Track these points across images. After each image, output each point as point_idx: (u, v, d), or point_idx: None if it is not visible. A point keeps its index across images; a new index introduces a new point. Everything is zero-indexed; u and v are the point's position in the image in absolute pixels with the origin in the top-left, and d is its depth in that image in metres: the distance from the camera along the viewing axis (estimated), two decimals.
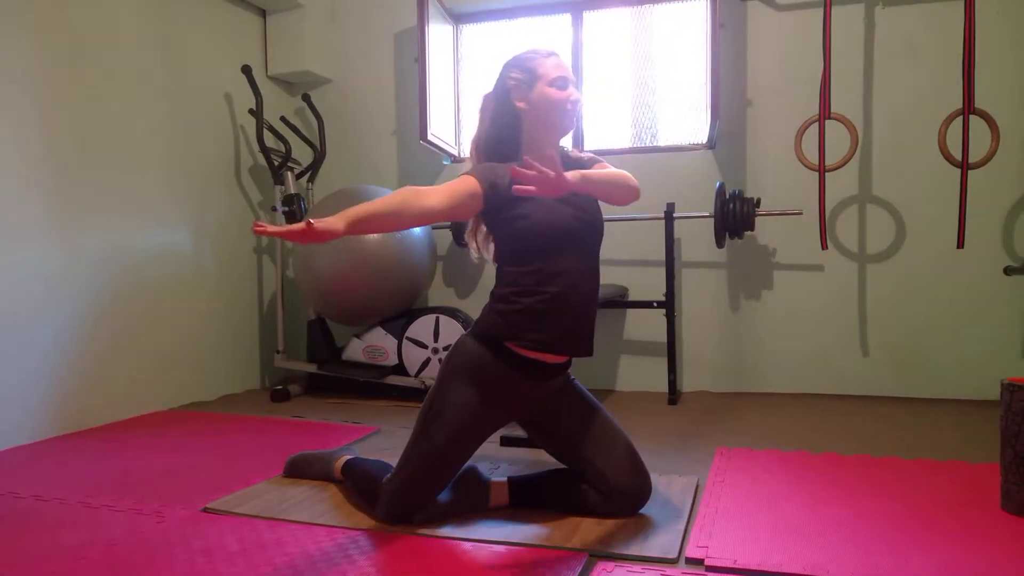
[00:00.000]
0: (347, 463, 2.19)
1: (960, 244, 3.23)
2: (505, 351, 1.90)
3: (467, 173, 1.89)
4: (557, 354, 1.93)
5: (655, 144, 4.05)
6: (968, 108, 3.16)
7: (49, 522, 1.97)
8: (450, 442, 1.90)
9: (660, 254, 3.66)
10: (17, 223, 2.89)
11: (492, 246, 2.04)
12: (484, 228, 2.04)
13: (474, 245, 2.08)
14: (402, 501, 1.91)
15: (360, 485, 2.07)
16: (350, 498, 2.11)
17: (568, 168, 2.02)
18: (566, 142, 2.18)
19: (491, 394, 1.91)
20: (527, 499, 2.02)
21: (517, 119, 1.99)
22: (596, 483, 1.94)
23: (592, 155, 2.11)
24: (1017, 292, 3.48)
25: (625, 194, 1.94)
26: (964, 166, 3.17)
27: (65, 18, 3.10)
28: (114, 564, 1.68)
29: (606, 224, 2.11)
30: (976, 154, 3.20)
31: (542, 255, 1.90)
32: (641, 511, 1.96)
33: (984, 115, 3.16)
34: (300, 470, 2.34)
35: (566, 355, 1.97)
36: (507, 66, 2.02)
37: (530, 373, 1.92)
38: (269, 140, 4.08)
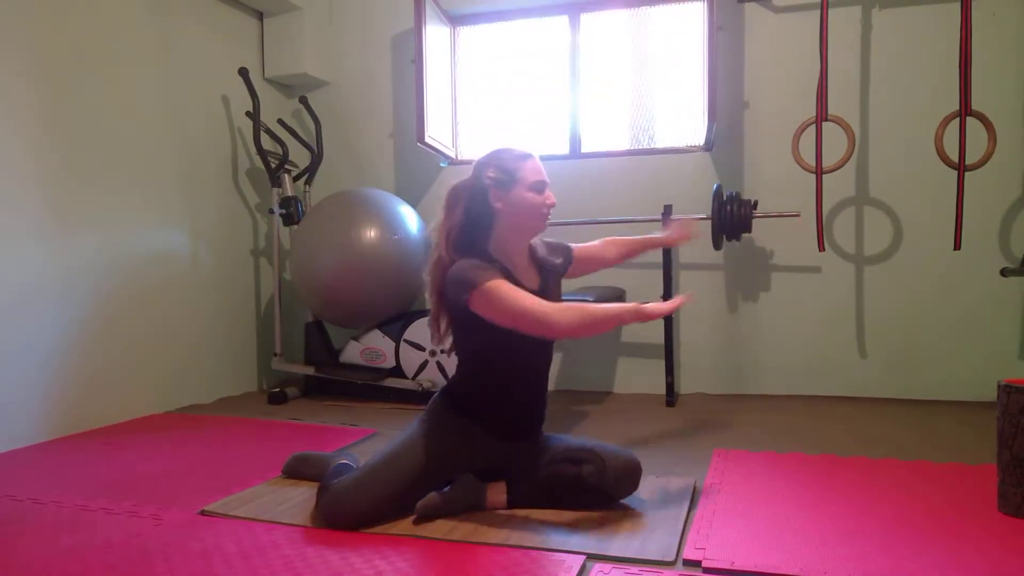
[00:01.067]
0: (336, 467, 2.19)
1: (957, 246, 3.23)
2: (466, 420, 2.07)
3: (492, 279, 1.89)
4: (509, 435, 2.10)
5: (652, 146, 4.05)
6: (965, 110, 3.17)
7: (46, 525, 1.97)
8: (407, 478, 1.97)
9: (657, 256, 3.66)
10: (15, 225, 2.88)
11: (450, 339, 2.12)
12: (446, 319, 2.08)
13: (437, 336, 2.10)
14: (337, 507, 1.92)
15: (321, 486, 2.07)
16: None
17: (536, 267, 2.15)
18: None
19: (451, 449, 2.04)
20: (524, 498, 2.03)
21: (491, 216, 2.04)
22: (590, 460, 2.00)
23: (563, 245, 2.28)
24: (1014, 293, 3.49)
25: None
26: (961, 168, 3.18)
27: (63, 20, 3.10)
28: (111, 567, 1.68)
29: (604, 226, 2.17)
30: (973, 156, 3.20)
31: (502, 358, 2.04)
32: (638, 511, 1.97)
33: (981, 117, 3.17)
34: (298, 470, 2.34)
35: (517, 435, 2.12)
36: (484, 164, 2.06)
37: (490, 438, 2.08)
38: (266, 142, 4.07)
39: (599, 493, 2.00)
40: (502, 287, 1.87)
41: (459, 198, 2.06)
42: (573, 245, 2.31)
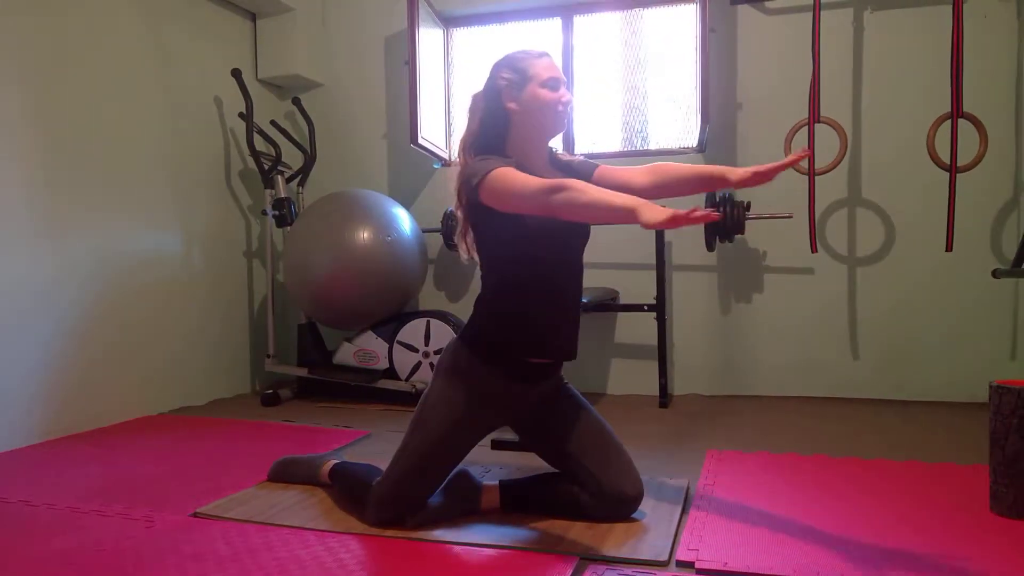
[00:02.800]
0: (335, 467, 2.18)
1: (949, 247, 3.25)
2: (493, 354, 1.92)
3: (500, 167, 1.80)
4: (543, 358, 1.96)
5: (646, 148, 4.06)
6: (956, 112, 3.18)
7: (38, 527, 1.96)
8: (440, 444, 1.92)
9: (651, 257, 3.67)
10: (6, 228, 2.87)
11: (476, 251, 2.02)
12: (471, 232, 2.00)
13: (464, 247, 2.05)
14: (391, 504, 1.91)
15: (349, 489, 2.06)
16: (339, 503, 2.10)
17: (558, 170, 2.03)
18: (556, 143, 2.17)
19: (480, 397, 1.93)
20: (518, 503, 2.02)
21: (506, 119, 1.95)
22: (587, 485, 1.94)
23: (583, 158, 2.12)
24: (1005, 294, 3.50)
25: None
26: (953, 169, 3.19)
27: (55, 22, 3.09)
28: (104, 570, 1.67)
29: (598, 228, 2.13)
30: (965, 157, 3.22)
31: (530, 260, 1.91)
32: (632, 514, 1.97)
33: (972, 119, 3.18)
34: (285, 474, 2.33)
35: (552, 359, 1.99)
36: (497, 66, 2.00)
37: (518, 375, 1.94)
38: (259, 144, 4.06)
39: (591, 518, 1.94)
40: (508, 172, 1.78)
41: (476, 105, 2.01)
42: (600, 164, 2.12)
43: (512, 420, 2.08)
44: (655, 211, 1.53)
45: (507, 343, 1.92)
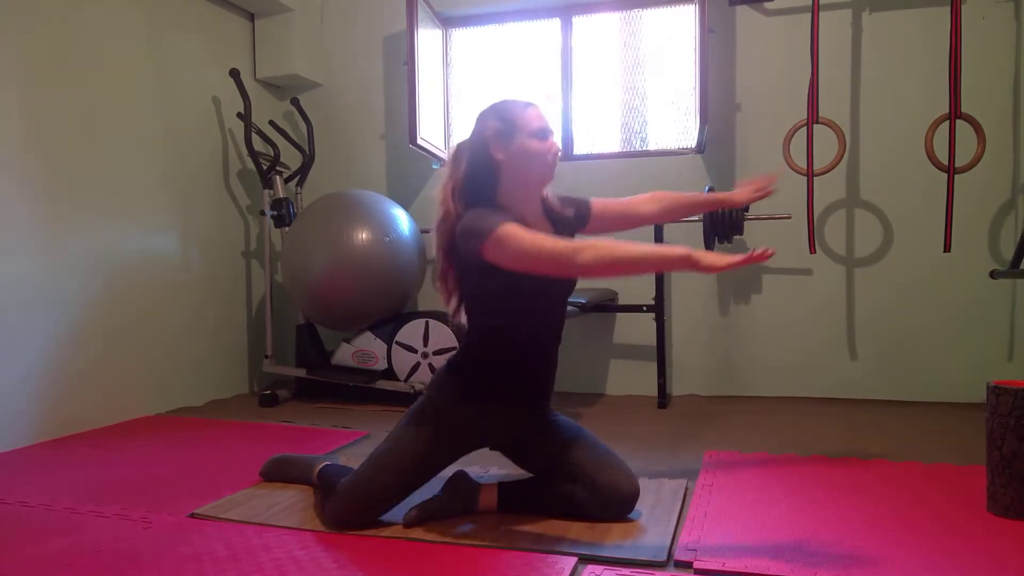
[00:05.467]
0: (321, 470, 2.18)
1: (947, 248, 3.25)
2: (474, 393, 1.99)
3: (505, 224, 1.78)
4: (522, 400, 2.05)
5: (645, 148, 4.06)
6: (955, 113, 3.18)
7: (35, 528, 1.95)
8: (412, 462, 1.95)
9: None
10: (4, 228, 2.87)
11: (458, 295, 2.03)
12: (454, 275, 2.01)
13: (444, 290, 2.04)
14: (350, 508, 1.92)
15: (320, 489, 2.06)
16: (315, 504, 2.11)
17: (551, 221, 2.06)
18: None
19: (457, 427, 2.00)
20: (516, 503, 2.02)
21: (495, 169, 1.95)
22: (583, 482, 1.94)
23: (573, 208, 2.12)
24: (1003, 295, 3.51)
25: None
26: (951, 170, 3.19)
27: (53, 22, 3.08)
28: (101, 571, 1.67)
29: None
30: (963, 158, 3.22)
31: (516, 313, 1.97)
32: (630, 515, 1.96)
33: (970, 120, 3.19)
34: (279, 473, 2.34)
35: (526, 404, 2.06)
36: (484, 116, 1.99)
37: (499, 409, 2.02)
38: (258, 144, 4.06)
39: (587, 516, 1.95)
40: (515, 230, 1.76)
41: (463, 153, 2.00)
42: (593, 199, 2.16)
43: (492, 446, 2.11)
44: (711, 256, 1.65)
45: (489, 387, 1.99)
